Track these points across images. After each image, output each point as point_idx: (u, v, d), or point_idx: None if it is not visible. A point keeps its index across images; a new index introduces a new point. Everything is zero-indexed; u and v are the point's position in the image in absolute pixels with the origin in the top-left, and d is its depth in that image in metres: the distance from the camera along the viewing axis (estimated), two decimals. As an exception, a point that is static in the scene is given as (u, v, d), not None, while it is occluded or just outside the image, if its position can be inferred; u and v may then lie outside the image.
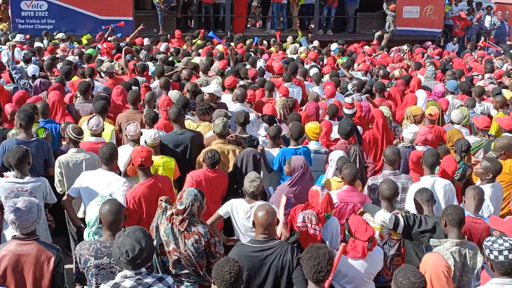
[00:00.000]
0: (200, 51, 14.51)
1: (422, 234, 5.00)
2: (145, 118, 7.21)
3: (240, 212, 5.34)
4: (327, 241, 4.96)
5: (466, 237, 4.68)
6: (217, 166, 6.12)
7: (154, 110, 7.75)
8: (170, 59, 12.80)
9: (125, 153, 6.33)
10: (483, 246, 3.94)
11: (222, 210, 5.47)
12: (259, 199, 5.32)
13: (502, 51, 18.59)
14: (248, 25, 21.98)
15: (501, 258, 3.76)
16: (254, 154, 6.29)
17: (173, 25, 18.20)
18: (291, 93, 9.81)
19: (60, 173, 6.17)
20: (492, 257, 3.80)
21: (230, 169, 6.53)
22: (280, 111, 8.65)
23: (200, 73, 11.11)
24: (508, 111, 9.03)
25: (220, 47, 14.77)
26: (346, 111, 7.94)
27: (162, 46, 15.30)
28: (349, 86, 10.44)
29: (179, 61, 12.69)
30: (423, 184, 5.90)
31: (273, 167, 6.69)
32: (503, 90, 10.87)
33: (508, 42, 21.03)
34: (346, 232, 4.65)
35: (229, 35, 17.66)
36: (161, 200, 4.89)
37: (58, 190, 6.20)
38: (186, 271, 4.73)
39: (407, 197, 5.86)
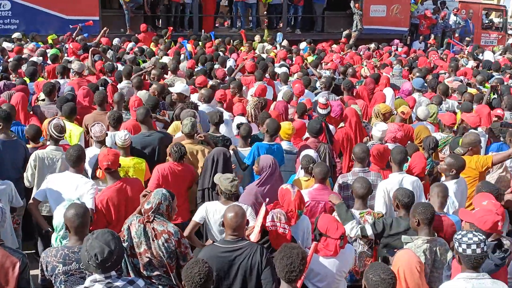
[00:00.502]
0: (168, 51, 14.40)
1: (395, 237, 4.99)
2: (109, 119, 7.06)
3: (216, 215, 5.28)
4: (299, 240, 4.97)
5: (436, 234, 4.73)
6: (183, 160, 6.09)
7: (119, 111, 7.63)
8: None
9: (91, 155, 6.23)
10: (453, 239, 3.99)
11: (197, 216, 5.40)
12: (233, 201, 5.29)
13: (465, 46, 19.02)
14: (217, 25, 21.89)
15: (468, 251, 3.81)
16: (224, 153, 6.25)
17: (139, 25, 17.97)
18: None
19: (34, 166, 6.10)
20: (460, 250, 3.85)
21: (199, 169, 6.49)
22: (251, 111, 8.64)
23: (169, 73, 11.01)
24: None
25: (189, 47, 14.69)
26: (320, 111, 7.96)
27: (128, 46, 15.11)
28: (317, 84, 10.49)
29: (144, 61, 12.56)
30: (391, 181, 5.96)
31: (247, 161, 6.67)
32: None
33: (467, 38, 21.43)
34: (317, 231, 4.64)
35: (204, 34, 17.54)
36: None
37: (27, 183, 6.12)
38: (157, 272, 4.66)
39: (376, 194, 5.90)
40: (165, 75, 10.79)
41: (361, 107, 9.03)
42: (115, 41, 15.50)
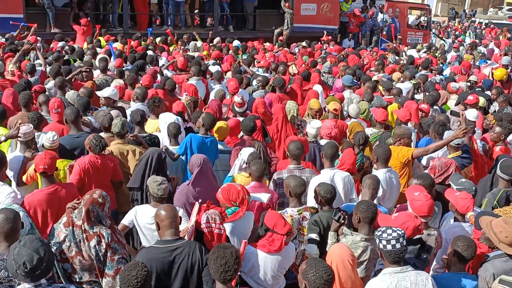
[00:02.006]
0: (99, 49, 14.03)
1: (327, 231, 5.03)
2: (29, 120, 6.73)
3: (146, 219, 5.17)
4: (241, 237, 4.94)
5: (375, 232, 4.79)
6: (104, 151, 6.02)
7: (39, 112, 7.32)
8: (65, 57, 12.23)
9: (15, 159, 5.96)
10: (374, 236, 4.08)
11: (126, 220, 5.29)
12: (164, 203, 5.16)
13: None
14: (158, 23, 21.51)
15: (389, 247, 3.89)
16: (159, 153, 6.13)
17: (68, 22, 17.41)
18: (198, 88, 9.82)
19: None
20: (381, 246, 3.94)
21: (131, 169, 6.37)
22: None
23: (98, 72, 10.73)
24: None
25: (117, 45, 14.37)
26: (237, 109, 8.00)
27: (59, 45, 14.60)
28: (254, 83, 10.51)
29: (75, 60, 12.18)
30: (323, 177, 6.02)
31: (179, 150, 6.59)
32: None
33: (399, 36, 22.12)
34: (264, 227, 4.62)
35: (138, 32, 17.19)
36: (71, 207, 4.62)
37: None
38: (88, 277, 4.52)
39: (309, 190, 5.91)
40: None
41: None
42: (39, 40, 14.91)
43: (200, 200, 4.79)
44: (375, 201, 5.45)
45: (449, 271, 4.47)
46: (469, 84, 12.02)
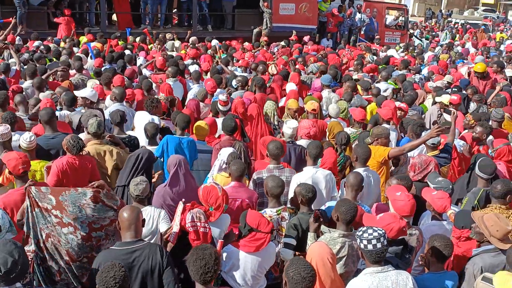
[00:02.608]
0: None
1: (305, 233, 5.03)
2: (3, 120, 6.58)
3: None
4: (216, 236, 4.92)
5: (353, 229, 4.79)
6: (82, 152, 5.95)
7: (14, 112, 7.18)
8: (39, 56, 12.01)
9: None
10: (355, 236, 4.08)
11: None
12: (146, 204, 5.18)
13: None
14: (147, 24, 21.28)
15: (370, 247, 3.90)
16: (150, 153, 6.03)
17: (44, 21, 17.17)
18: (175, 90, 9.77)
19: None
20: (362, 246, 3.94)
21: (108, 170, 6.33)
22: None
23: (74, 71, 10.60)
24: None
25: (96, 44, 14.22)
26: (221, 107, 7.99)
27: (34, 44, 14.38)
28: (234, 83, 10.49)
29: (50, 60, 12.01)
30: (305, 174, 6.04)
31: (156, 153, 6.53)
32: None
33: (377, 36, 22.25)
34: (247, 227, 4.60)
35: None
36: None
37: None
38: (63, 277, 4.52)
39: (290, 188, 5.95)
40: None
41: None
42: (17, 39, 14.68)
43: (183, 200, 4.76)
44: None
45: (428, 270, 4.50)
46: (445, 83, 12.11)
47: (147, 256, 4.15)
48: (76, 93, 8.26)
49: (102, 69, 10.98)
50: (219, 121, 7.81)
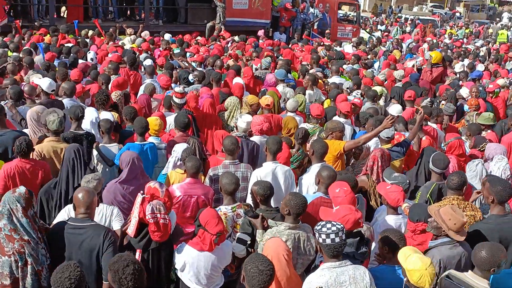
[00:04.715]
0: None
1: None
2: None
3: None
4: None
5: (300, 221, 4.83)
6: (32, 155, 5.81)
7: None
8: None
9: None
10: (314, 230, 4.10)
11: (59, 219, 5.04)
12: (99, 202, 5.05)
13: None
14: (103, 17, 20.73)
15: (328, 241, 3.92)
16: (77, 148, 5.77)
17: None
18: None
19: None
20: (320, 240, 3.96)
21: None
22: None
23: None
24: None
25: (46, 38, 13.82)
26: (176, 100, 7.90)
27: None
28: (190, 77, 10.39)
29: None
30: (265, 169, 6.03)
31: (116, 161, 6.37)
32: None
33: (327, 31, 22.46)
34: (197, 222, 4.56)
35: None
36: None
37: None
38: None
39: (250, 184, 5.92)
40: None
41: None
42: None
43: (142, 192, 4.66)
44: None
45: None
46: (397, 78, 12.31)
47: (90, 237, 4.34)
48: (36, 81, 8.09)
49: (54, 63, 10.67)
50: (171, 115, 7.70)
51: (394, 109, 8.87)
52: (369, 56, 16.92)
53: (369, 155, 6.56)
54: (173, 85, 9.84)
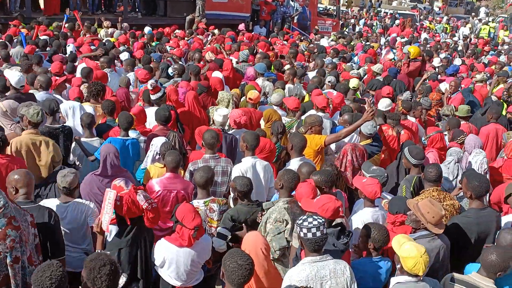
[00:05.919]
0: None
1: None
2: None
3: None
4: None
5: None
6: (10, 151, 5.70)
7: None
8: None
9: None
10: (295, 224, 4.10)
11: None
12: (75, 196, 5.02)
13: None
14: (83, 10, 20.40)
15: (309, 235, 3.91)
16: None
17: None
18: (112, 78, 9.58)
19: None
20: (302, 234, 3.95)
21: (44, 161, 6.03)
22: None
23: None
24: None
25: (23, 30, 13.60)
26: (152, 97, 7.84)
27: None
28: (170, 70, 10.31)
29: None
30: (244, 164, 6.02)
31: (97, 155, 6.27)
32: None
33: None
34: (174, 218, 4.55)
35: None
36: None
37: None
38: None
39: (230, 181, 5.91)
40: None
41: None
42: None
43: (112, 189, 4.58)
44: None
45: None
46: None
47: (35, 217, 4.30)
48: (5, 74, 7.93)
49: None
50: (151, 110, 7.65)
51: (383, 103, 8.88)
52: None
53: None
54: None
